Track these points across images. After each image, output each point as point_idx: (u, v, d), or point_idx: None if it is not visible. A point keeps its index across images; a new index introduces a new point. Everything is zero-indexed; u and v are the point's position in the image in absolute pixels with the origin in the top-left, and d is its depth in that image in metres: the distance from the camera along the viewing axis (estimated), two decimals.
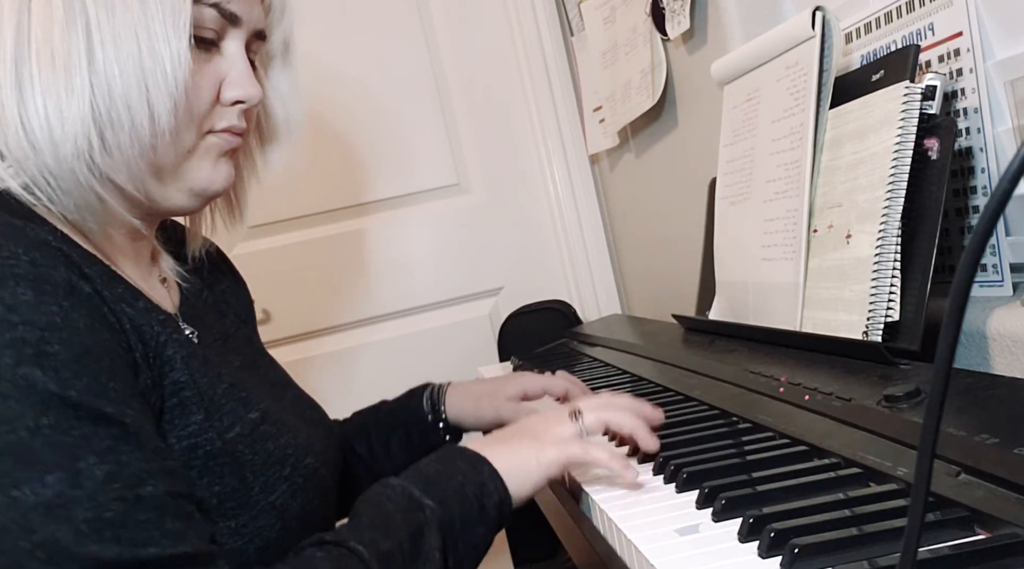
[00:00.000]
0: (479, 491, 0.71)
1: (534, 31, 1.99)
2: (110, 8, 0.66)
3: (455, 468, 0.72)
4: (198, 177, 0.76)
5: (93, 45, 0.66)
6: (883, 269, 0.82)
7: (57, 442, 0.56)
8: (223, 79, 0.76)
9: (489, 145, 2.01)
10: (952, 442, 0.56)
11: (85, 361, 0.59)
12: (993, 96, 0.80)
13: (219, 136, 0.76)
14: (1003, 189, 0.31)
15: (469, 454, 0.74)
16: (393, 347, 1.96)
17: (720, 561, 0.54)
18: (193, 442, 0.68)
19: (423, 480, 0.71)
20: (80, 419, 0.57)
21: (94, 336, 0.61)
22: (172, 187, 0.75)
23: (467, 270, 2.00)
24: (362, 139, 1.96)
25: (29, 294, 0.58)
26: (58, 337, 0.58)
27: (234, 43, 0.76)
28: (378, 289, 1.97)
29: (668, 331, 1.32)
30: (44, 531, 0.54)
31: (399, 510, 0.68)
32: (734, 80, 1.14)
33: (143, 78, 0.67)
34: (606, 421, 0.77)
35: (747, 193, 1.08)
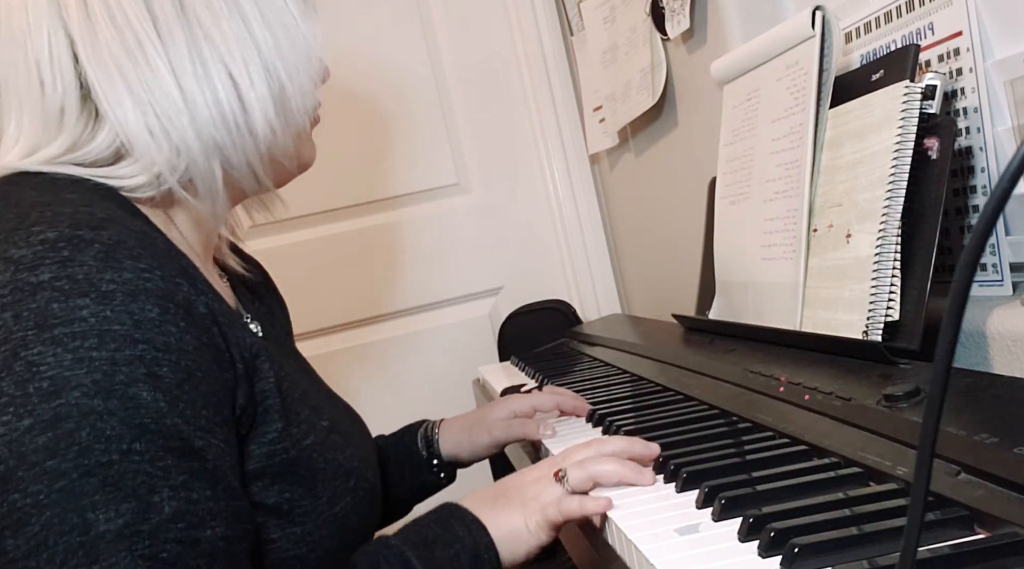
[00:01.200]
0: (474, 561, 0.71)
1: (534, 31, 1.99)
2: (263, 11, 0.71)
3: (453, 535, 0.72)
4: (307, 151, 0.82)
5: (253, 30, 0.70)
6: (883, 269, 0.82)
7: (141, 470, 0.57)
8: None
9: (489, 145, 2.01)
10: (952, 441, 0.56)
11: (187, 387, 0.60)
12: (993, 95, 0.80)
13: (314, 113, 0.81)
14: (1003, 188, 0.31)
15: (469, 520, 0.74)
16: (393, 347, 1.96)
17: (720, 561, 0.54)
18: (272, 449, 0.69)
19: (421, 544, 0.71)
20: (168, 450, 0.58)
21: (200, 359, 0.62)
22: (290, 160, 0.79)
23: (467, 270, 2.00)
24: (362, 138, 1.96)
25: (155, 311, 0.59)
26: (169, 359, 0.59)
27: None
28: (378, 288, 1.97)
29: (668, 331, 1.32)
30: (104, 562, 0.55)
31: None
32: (734, 79, 1.14)
33: (298, 61, 0.72)
34: (592, 475, 0.73)
35: (747, 193, 1.08)
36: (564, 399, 1.04)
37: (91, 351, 0.57)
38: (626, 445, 0.76)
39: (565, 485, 0.73)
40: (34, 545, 0.54)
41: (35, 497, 0.55)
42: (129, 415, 0.57)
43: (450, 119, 2.00)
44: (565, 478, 0.74)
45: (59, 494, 0.55)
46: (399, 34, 1.97)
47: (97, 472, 0.55)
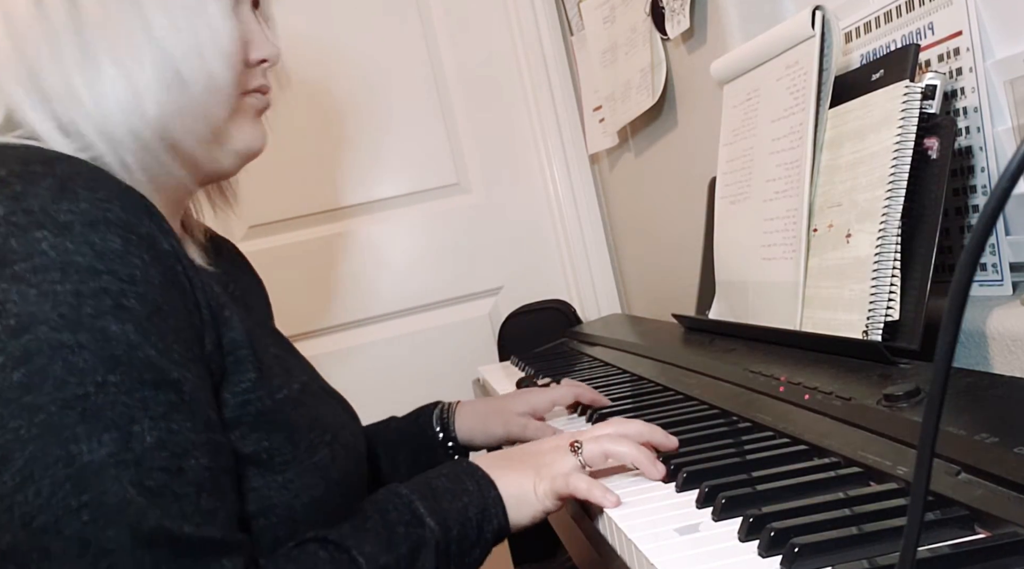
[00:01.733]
0: (481, 515, 0.72)
1: (534, 31, 1.99)
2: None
3: (462, 487, 0.73)
4: (243, 138, 0.78)
5: (147, 15, 0.68)
6: (883, 268, 0.82)
7: (119, 401, 0.57)
8: (248, 41, 0.78)
9: (489, 145, 2.01)
10: (952, 441, 0.56)
11: (156, 320, 0.60)
12: (993, 95, 0.80)
13: (253, 96, 0.79)
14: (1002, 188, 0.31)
15: (479, 475, 0.74)
16: (393, 347, 1.96)
17: (720, 560, 0.54)
18: (246, 398, 0.70)
19: (430, 494, 0.72)
20: (143, 382, 0.58)
21: (166, 294, 0.62)
22: (221, 150, 0.77)
23: (467, 270, 2.00)
24: (362, 139, 1.96)
25: (118, 242, 0.59)
26: (135, 292, 0.59)
27: (245, 7, 0.78)
28: (378, 289, 1.97)
29: (668, 330, 1.32)
30: (93, 491, 0.55)
31: (402, 523, 0.69)
32: (734, 79, 1.14)
33: (198, 39, 0.70)
34: (606, 452, 0.75)
35: (747, 192, 1.08)
36: (582, 391, 1.05)
37: (55, 285, 0.57)
38: (646, 430, 0.76)
39: (579, 457, 0.75)
40: (20, 480, 0.54)
41: (15, 432, 0.55)
42: (100, 348, 0.57)
43: (450, 119, 2.00)
44: (580, 450, 0.75)
45: (39, 428, 0.55)
46: (399, 34, 1.97)
47: (75, 404, 0.55)
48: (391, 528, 0.69)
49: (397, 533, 0.68)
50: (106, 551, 0.55)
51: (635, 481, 0.74)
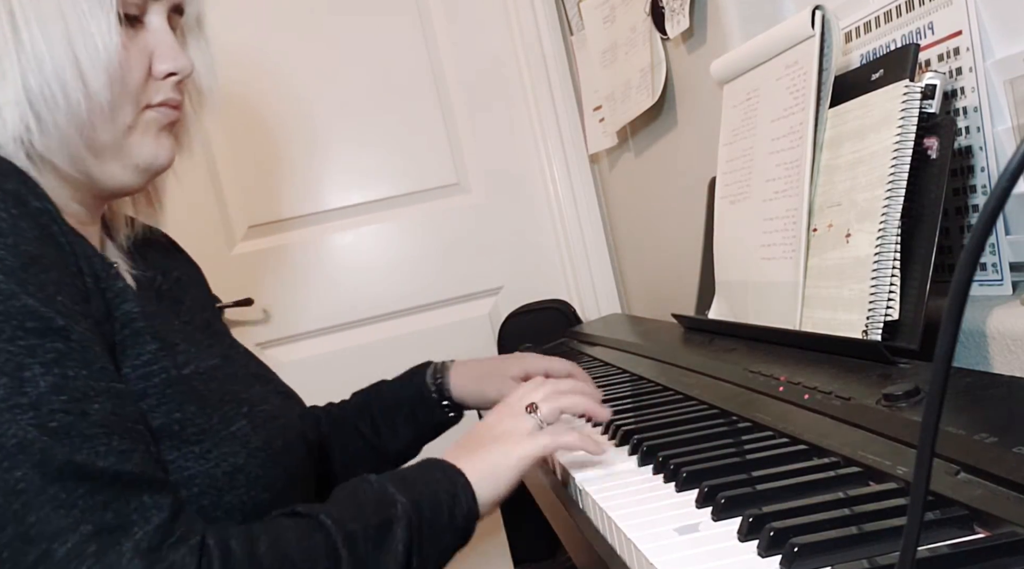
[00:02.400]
0: (451, 501, 0.72)
1: (533, 30, 1.99)
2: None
3: (431, 477, 0.74)
4: (142, 152, 0.76)
5: (18, 26, 0.66)
6: (883, 268, 0.82)
7: (2, 350, 0.56)
8: (152, 53, 0.76)
9: (489, 145, 2.01)
10: (951, 441, 0.56)
11: (33, 270, 0.60)
12: (992, 95, 0.80)
13: (157, 110, 0.77)
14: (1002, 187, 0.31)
15: (446, 466, 0.76)
16: (393, 347, 1.96)
17: (720, 560, 0.54)
18: (148, 370, 0.69)
19: (400, 481, 0.73)
20: (26, 330, 0.58)
21: (42, 248, 0.61)
22: (116, 164, 0.75)
23: (467, 269, 2.00)
24: (362, 138, 1.96)
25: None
26: (4, 243, 0.59)
27: (157, 17, 0.76)
28: (378, 289, 1.97)
29: (668, 330, 1.32)
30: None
31: (372, 501, 0.69)
32: (734, 79, 1.14)
33: (74, 55, 0.67)
34: (561, 407, 0.81)
35: (747, 192, 1.08)
36: (576, 372, 1.07)
37: None
38: (579, 385, 0.85)
39: (537, 416, 0.80)
40: None
41: None
42: None
43: (450, 119, 2.00)
44: (537, 411, 0.80)
45: None
46: (399, 34, 1.97)
47: None
48: (361, 505, 0.69)
49: (366, 509, 0.68)
50: (16, 491, 0.54)
51: (635, 481, 0.74)
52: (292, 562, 0.62)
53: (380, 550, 0.66)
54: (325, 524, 0.65)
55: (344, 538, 0.64)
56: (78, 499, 0.55)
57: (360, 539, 0.65)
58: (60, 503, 0.55)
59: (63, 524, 0.54)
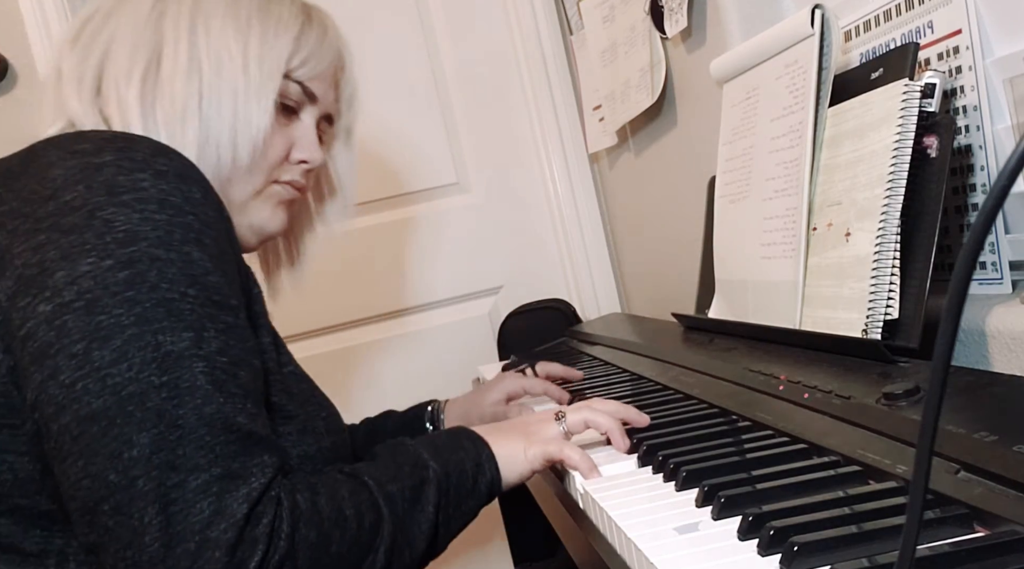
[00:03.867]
0: (476, 469, 0.82)
1: (533, 30, 1.99)
2: (220, 69, 0.84)
3: (459, 444, 0.83)
4: (259, 216, 0.92)
5: (203, 94, 0.84)
6: (882, 267, 0.82)
7: (194, 310, 0.70)
8: (294, 142, 0.92)
9: (488, 144, 2.01)
10: (951, 439, 0.56)
11: (223, 259, 0.75)
12: (992, 93, 0.80)
13: (283, 186, 0.93)
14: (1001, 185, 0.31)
15: (474, 435, 0.85)
16: (393, 346, 1.96)
17: (720, 559, 0.54)
18: (264, 357, 0.81)
19: (432, 446, 0.82)
20: (211, 301, 0.72)
21: (227, 245, 0.77)
22: (241, 221, 0.89)
23: (467, 269, 2.00)
24: (361, 138, 1.95)
25: (199, 194, 0.74)
26: (210, 233, 0.74)
27: (309, 116, 0.94)
28: (378, 288, 1.97)
29: (668, 330, 1.32)
30: (173, 374, 0.68)
31: (407, 464, 0.79)
32: (733, 78, 1.14)
33: (235, 125, 0.84)
34: (586, 420, 0.86)
35: (746, 191, 1.08)
36: (550, 388, 1.17)
37: (154, 214, 0.71)
38: (621, 408, 0.88)
39: (563, 425, 0.86)
40: (117, 355, 0.67)
41: (118, 318, 0.67)
42: (185, 266, 0.71)
43: (449, 118, 1.99)
44: (563, 419, 0.86)
45: (135, 317, 0.68)
46: (398, 33, 1.96)
47: (163, 304, 0.69)
48: (398, 466, 0.79)
49: (403, 469, 0.78)
50: (176, 425, 0.67)
51: (635, 480, 0.74)
52: (345, 515, 0.73)
53: (414, 509, 0.77)
54: (368, 484, 0.76)
55: (385, 497, 0.75)
56: (217, 445, 0.68)
57: (398, 498, 0.76)
58: (204, 444, 0.67)
59: (202, 462, 0.67)
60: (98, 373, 0.66)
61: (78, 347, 0.67)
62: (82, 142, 0.74)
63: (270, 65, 0.87)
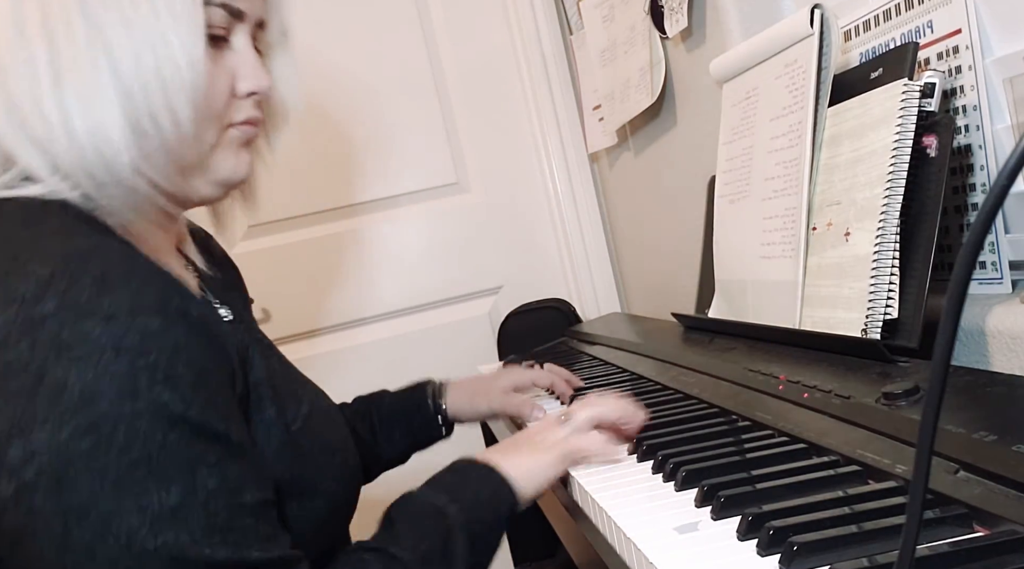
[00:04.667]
0: (493, 496, 0.78)
1: (533, 29, 1.99)
2: (126, 23, 0.70)
3: (469, 478, 0.79)
4: (223, 168, 0.80)
5: (115, 59, 0.69)
6: (882, 267, 0.82)
7: (179, 456, 0.62)
8: (235, 73, 0.78)
9: (488, 144, 2.01)
10: (951, 439, 0.56)
11: (202, 382, 0.65)
12: (992, 93, 0.80)
13: (239, 129, 0.80)
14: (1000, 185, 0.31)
15: (479, 465, 0.81)
16: (393, 346, 1.96)
17: (719, 559, 0.54)
18: (269, 432, 0.75)
19: (443, 489, 0.78)
20: (197, 436, 0.64)
21: (205, 356, 0.67)
22: (200, 180, 0.79)
23: (466, 269, 2.00)
24: (361, 138, 1.96)
25: (157, 323, 0.64)
26: (180, 360, 0.64)
27: (241, 37, 0.78)
28: (378, 288, 1.97)
29: (667, 329, 1.32)
30: (167, 535, 0.60)
31: (427, 517, 0.75)
32: (733, 78, 1.14)
33: (164, 87, 0.70)
34: (593, 417, 0.84)
35: (746, 191, 1.08)
36: (558, 380, 1.16)
37: (110, 365, 0.61)
38: (620, 403, 0.87)
39: (570, 426, 0.84)
40: (99, 531, 0.59)
41: (91, 492, 0.59)
42: (157, 413, 0.62)
43: (449, 118, 1.99)
44: (569, 420, 0.85)
45: (112, 486, 0.60)
46: (398, 33, 1.96)
47: (141, 465, 0.61)
48: (419, 523, 0.74)
49: (426, 526, 0.74)
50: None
51: (635, 480, 0.74)
52: None
53: (449, 562, 0.73)
54: (400, 558, 0.71)
55: (418, 563, 0.71)
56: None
57: (431, 557, 0.72)
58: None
59: None
60: (86, 553, 0.59)
61: (55, 530, 0.59)
62: (20, 280, 0.64)
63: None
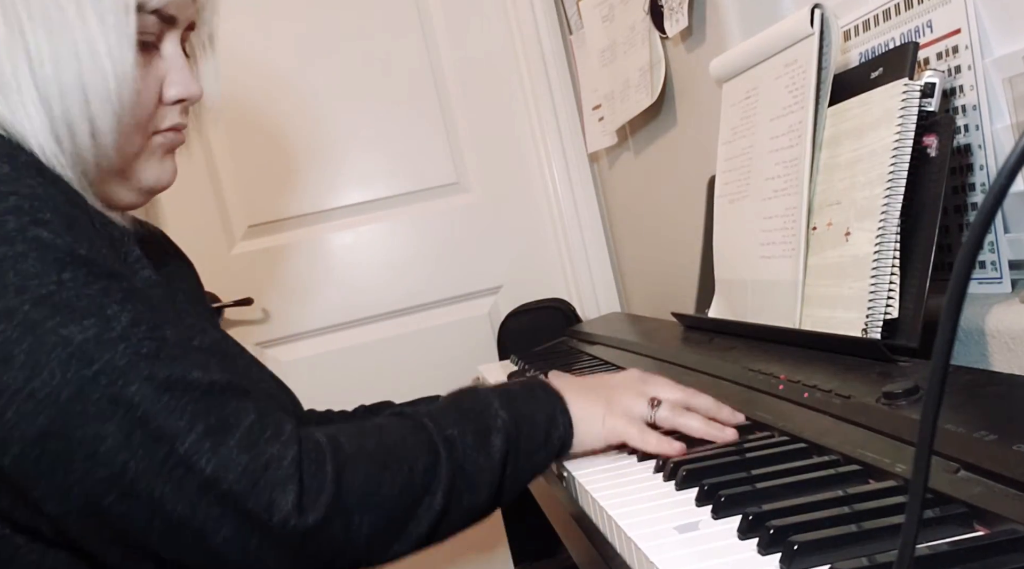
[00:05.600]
0: (549, 423, 0.76)
1: (533, 29, 1.99)
2: (48, 28, 0.67)
3: (534, 395, 0.77)
4: (146, 176, 0.78)
5: (34, 65, 0.67)
6: (882, 266, 0.82)
7: (82, 293, 0.61)
8: (164, 79, 0.76)
9: (488, 144, 2.01)
10: (951, 438, 0.56)
11: (76, 227, 0.64)
12: (992, 93, 0.80)
13: (164, 135, 0.78)
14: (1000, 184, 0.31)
15: (550, 389, 0.79)
16: (393, 346, 1.96)
17: (719, 558, 0.54)
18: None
19: (505, 395, 0.76)
20: (95, 274, 0.62)
21: (73, 209, 0.65)
22: (122, 187, 0.77)
23: (466, 269, 2.00)
24: (361, 137, 1.96)
25: (6, 167, 0.63)
26: (46, 206, 0.63)
27: (171, 43, 0.76)
28: (377, 288, 1.97)
29: (667, 329, 1.32)
30: (101, 359, 0.60)
31: (476, 410, 0.74)
32: (733, 78, 1.14)
33: (85, 97, 0.68)
34: (678, 426, 0.78)
35: (746, 191, 1.08)
36: None
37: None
38: (714, 406, 0.80)
39: (653, 413, 0.79)
40: (29, 371, 0.59)
41: (3, 335, 0.59)
42: (41, 253, 0.61)
43: (449, 118, 2.00)
44: (657, 408, 0.79)
45: (23, 326, 0.59)
46: (398, 33, 1.96)
47: (44, 301, 0.60)
48: (464, 412, 0.73)
49: (469, 416, 0.73)
50: (134, 404, 0.60)
51: (635, 479, 0.74)
52: (395, 455, 0.68)
53: (478, 454, 0.71)
54: (427, 425, 0.70)
55: (444, 439, 0.70)
56: (187, 405, 0.62)
57: (459, 442, 0.70)
58: (173, 409, 0.61)
59: (180, 426, 0.61)
60: (21, 394, 0.59)
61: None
62: None
63: (114, 2, 0.68)
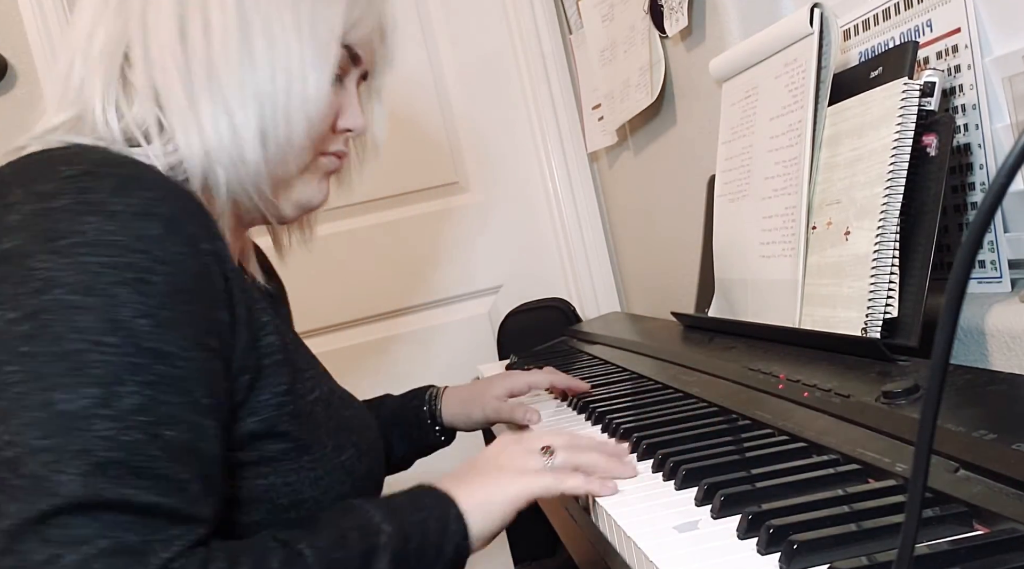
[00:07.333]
0: (442, 530, 0.71)
1: (532, 29, 1.99)
2: (272, 44, 0.76)
3: (422, 504, 0.72)
4: (305, 192, 0.85)
5: (258, 67, 0.75)
6: (882, 266, 0.82)
7: (108, 361, 0.60)
8: (340, 110, 0.85)
9: (488, 143, 2.01)
10: (951, 438, 0.56)
11: (176, 299, 0.64)
12: (991, 92, 0.80)
13: (328, 158, 0.86)
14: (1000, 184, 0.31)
15: (438, 494, 0.74)
16: (392, 345, 1.96)
17: (719, 558, 0.54)
18: (282, 400, 0.74)
19: (387, 508, 0.71)
20: (139, 348, 0.61)
21: (196, 285, 0.66)
22: (283, 198, 0.83)
23: (466, 268, 2.00)
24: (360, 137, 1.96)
25: (158, 230, 0.64)
26: (164, 271, 0.63)
27: (351, 81, 0.85)
28: (377, 287, 1.97)
29: (667, 329, 1.32)
30: (60, 437, 0.58)
31: (355, 529, 0.68)
32: (732, 77, 1.14)
33: (289, 102, 0.76)
34: (577, 464, 0.77)
35: (746, 190, 1.08)
36: (557, 378, 1.14)
37: (84, 257, 0.61)
38: (599, 444, 0.82)
39: (549, 461, 0.78)
40: (5, 415, 0.58)
41: (6, 376, 0.59)
42: (106, 311, 0.61)
43: (449, 118, 1.99)
44: (552, 457, 0.78)
45: (26, 374, 0.59)
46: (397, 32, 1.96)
47: (65, 358, 0.59)
48: (344, 532, 0.68)
49: (350, 537, 0.67)
50: (53, 493, 0.56)
51: (634, 480, 0.74)
52: None
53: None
54: (304, 554, 0.64)
55: (324, 567, 0.64)
56: (107, 517, 0.58)
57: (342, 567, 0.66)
58: (84, 521, 0.57)
59: (87, 533, 0.56)
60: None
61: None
62: (47, 181, 0.65)
63: (325, 31, 0.78)
